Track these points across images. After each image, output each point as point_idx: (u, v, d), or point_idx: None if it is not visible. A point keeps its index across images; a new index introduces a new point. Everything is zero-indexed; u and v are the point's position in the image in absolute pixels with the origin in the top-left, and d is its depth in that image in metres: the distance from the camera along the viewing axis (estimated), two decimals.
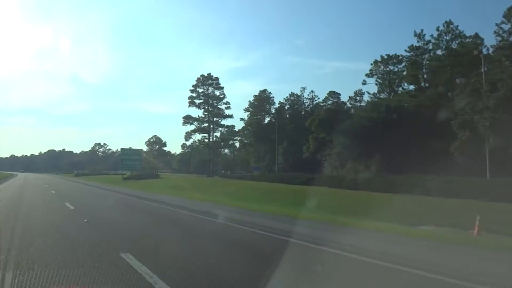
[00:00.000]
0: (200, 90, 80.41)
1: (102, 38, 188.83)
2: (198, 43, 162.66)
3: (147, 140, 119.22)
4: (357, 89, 71.39)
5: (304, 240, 8.67)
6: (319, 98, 77.05)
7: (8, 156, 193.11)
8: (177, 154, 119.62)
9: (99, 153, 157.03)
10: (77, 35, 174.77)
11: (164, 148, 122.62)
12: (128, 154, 60.83)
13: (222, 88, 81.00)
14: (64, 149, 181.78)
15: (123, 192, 30.73)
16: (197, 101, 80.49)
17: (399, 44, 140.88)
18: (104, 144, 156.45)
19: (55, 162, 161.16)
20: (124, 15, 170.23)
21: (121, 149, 61.70)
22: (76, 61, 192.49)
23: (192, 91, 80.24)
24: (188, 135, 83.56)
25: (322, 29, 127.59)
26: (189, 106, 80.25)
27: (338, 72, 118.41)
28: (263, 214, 14.94)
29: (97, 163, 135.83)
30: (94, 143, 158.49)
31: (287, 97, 79.56)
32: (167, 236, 10.11)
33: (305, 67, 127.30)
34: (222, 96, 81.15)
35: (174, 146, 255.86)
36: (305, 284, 5.34)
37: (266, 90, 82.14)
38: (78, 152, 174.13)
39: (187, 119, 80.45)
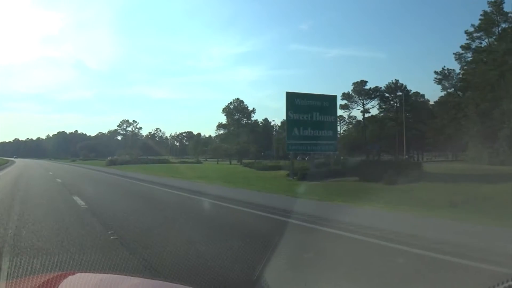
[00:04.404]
0: None
1: (107, 24, 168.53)
2: (201, 28, 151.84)
3: (225, 106, 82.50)
4: None
5: None
6: None
7: (12, 140, 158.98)
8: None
9: (122, 135, 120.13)
10: (82, 21, 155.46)
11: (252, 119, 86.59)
12: (305, 110, 20.02)
13: None
14: (76, 130, 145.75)
15: None
16: None
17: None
18: (133, 121, 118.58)
19: (65, 146, 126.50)
20: (129, 0, 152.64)
21: (286, 93, 22.77)
22: (80, 47, 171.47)
23: None
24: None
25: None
26: None
27: None
28: None
29: (122, 147, 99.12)
30: (122, 119, 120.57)
31: None
32: None
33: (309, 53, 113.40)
34: None
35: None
36: None
37: None
38: (93, 135, 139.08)
39: None
